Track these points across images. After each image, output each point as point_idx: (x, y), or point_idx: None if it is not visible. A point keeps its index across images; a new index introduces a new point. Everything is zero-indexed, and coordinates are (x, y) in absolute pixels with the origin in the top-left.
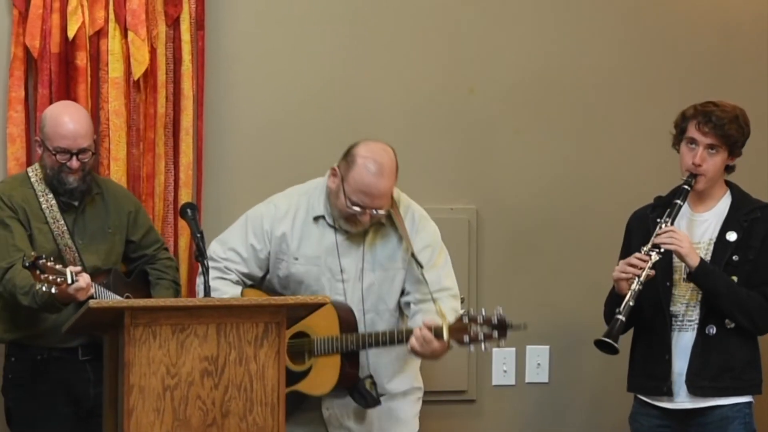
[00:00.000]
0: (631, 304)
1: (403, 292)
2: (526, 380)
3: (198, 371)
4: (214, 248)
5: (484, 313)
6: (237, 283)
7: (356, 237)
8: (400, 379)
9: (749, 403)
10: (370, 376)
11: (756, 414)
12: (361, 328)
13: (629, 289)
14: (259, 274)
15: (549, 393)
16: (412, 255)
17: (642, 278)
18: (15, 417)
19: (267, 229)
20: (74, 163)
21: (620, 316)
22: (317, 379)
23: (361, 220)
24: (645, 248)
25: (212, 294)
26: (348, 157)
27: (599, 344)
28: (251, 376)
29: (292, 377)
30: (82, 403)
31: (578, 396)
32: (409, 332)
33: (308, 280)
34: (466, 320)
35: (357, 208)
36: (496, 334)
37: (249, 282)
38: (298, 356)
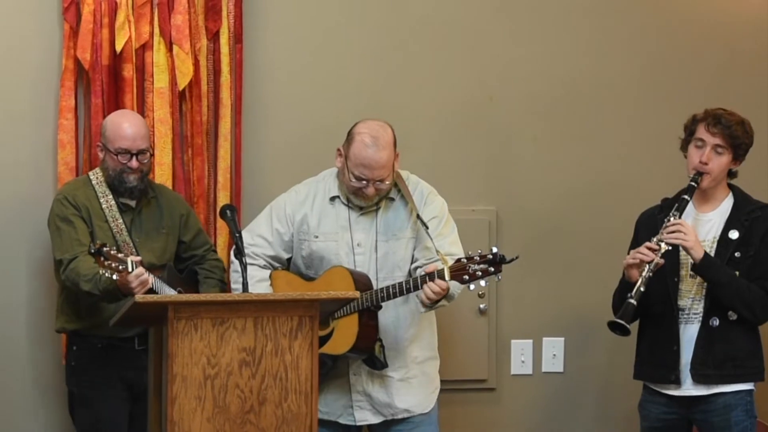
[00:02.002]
0: (642, 289)
1: (413, 260)
2: (543, 370)
3: (236, 361)
4: (243, 237)
5: (480, 252)
6: (264, 267)
7: (369, 212)
8: (419, 346)
9: (750, 390)
10: (380, 340)
11: (757, 400)
12: None
13: (639, 276)
14: (284, 256)
15: (564, 382)
16: (417, 216)
17: (652, 266)
18: (77, 400)
19: (289, 213)
20: (134, 163)
21: (632, 300)
22: (339, 338)
23: (367, 192)
24: (655, 239)
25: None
26: (348, 136)
27: (612, 325)
28: (286, 366)
29: (318, 342)
30: (135, 388)
31: (591, 385)
32: (416, 281)
33: (328, 255)
34: (464, 261)
35: (360, 182)
36: (492, 269)
37: (276, 265)
38: (321, 323)
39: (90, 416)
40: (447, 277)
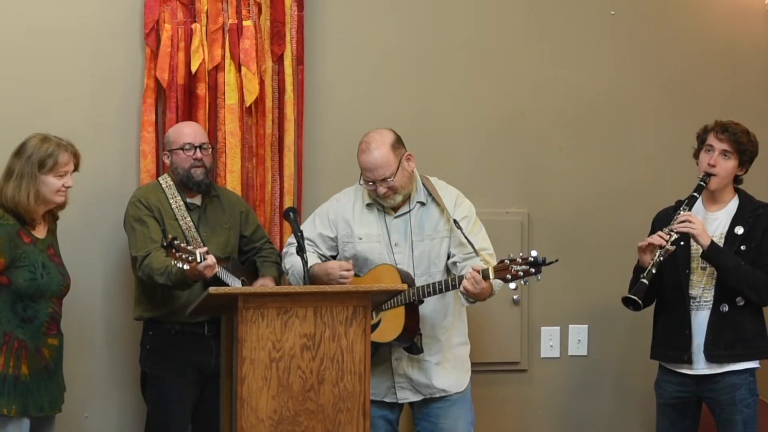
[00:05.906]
0: (653, 271)
1: (449, 256)
2: (569, 353)
3: (298, 346)
4: (291, 241)
5: (522, 255)
6: (313, 254)
7: (404, 216)
8: (453, 334)
9: (754, 370)
10: (418, 329)
11: (759, 380)
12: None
13: (651, 260)
14: (328, 254)
15: (588, 364)
16: (454, 221)
17: (663, 251)
18: (150, 380)
19: (332, 218)
20: (199, 154)
21: (644, 280)
22: (386, 328)
23: (379, 192)
24: (666, 228)
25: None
26: None
27: (626, 301)
28: (342, 350)
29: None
30: (204, 371)
31: (612, 367)
32: (460, 279)
33: (372, 256)
34: (507, 262)
35: (369, 185)
36: (533, 270)
37: (322, 260)
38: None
39: (160, 394)
40: (491, 276)
